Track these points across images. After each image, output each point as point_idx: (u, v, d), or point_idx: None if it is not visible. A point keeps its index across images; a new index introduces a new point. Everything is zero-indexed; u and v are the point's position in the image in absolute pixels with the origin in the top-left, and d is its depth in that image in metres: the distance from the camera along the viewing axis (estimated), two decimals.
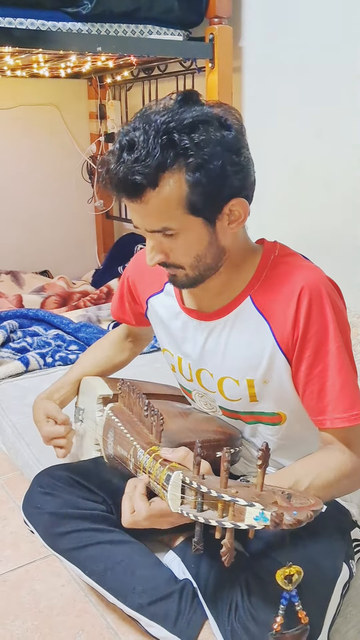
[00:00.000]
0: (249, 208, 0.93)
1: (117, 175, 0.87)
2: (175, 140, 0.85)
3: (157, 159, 0.84)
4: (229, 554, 0.71)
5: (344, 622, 1.05)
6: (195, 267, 0.95)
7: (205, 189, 0.87)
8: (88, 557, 1.05)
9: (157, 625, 0.98)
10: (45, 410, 1.25)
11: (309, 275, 0.94)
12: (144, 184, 0.85)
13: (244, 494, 0.71)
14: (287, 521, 0.67)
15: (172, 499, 0.80)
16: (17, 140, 2.88)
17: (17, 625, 1.09)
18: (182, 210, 0.88)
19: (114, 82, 2.82)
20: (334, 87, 1.89)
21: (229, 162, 0.88)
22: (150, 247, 0.94)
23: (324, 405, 0.94)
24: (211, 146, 0.86)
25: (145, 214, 0.90)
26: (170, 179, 0.86)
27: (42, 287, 2.75)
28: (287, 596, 0.80)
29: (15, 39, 1.78)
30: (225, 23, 2.10)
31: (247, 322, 0.98)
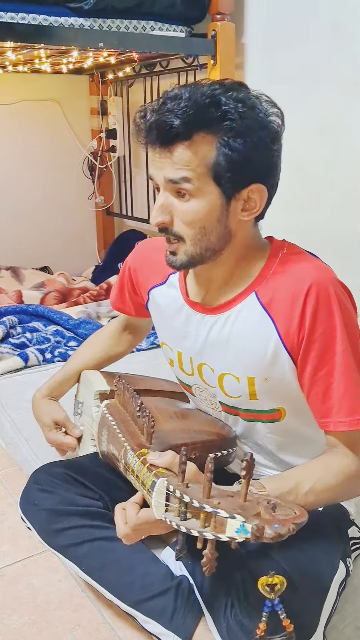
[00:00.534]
0: (265, 200, 0.93)
1: (155, 118, 0.88)
2: (220, 102, 0.87)
3: (198, 112, 0.86)
4: (210, 565, 0.71)
5: (340, 620, 1.05)
6: (197, 242, 0.93)
7: (234, 159, 0.88)
8: (85, 554, 1.05)
9: (153, 622, 0.98)
10: (53, 416, 1.26)
11: (318, 275, 0.93)
12: (178, 131, 0.86)
13: (226, 505, 0.70)
14: (268, 535, 0.67)
15: (156, 506, 0.80)
16: (18, 136, 2.88)
17: (14, 619, 1.09)
18: (205, 172, 0.88)
19: (116, 78, 2.82)
20: (337, 84, 1.88)
21: (263, 145, 0.90)
22: (158, 204, 0.93)
23: (328, 408, 0.93)
24: (252, 122, 0.88)
25: (169, 164, 0.89)
26: (204, 137, 0.87)
27: (42, 283, 2.75)
28: (270, 604, 0.80)
29: (17, 34, 1.78)
30: (228, 19, 2.10)
31: (251, 317, 0.97)
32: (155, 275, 1.13)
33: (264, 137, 0.89)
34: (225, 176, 0.89)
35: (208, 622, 0.96)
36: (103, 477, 1.14)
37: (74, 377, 1.31)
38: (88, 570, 1.05)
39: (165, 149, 0.89)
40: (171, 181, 0.90)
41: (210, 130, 0.87)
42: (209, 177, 0.89)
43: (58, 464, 1.19)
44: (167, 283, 1.11)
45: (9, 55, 2.16)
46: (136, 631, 1.05)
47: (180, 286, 1.08)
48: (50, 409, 1.27)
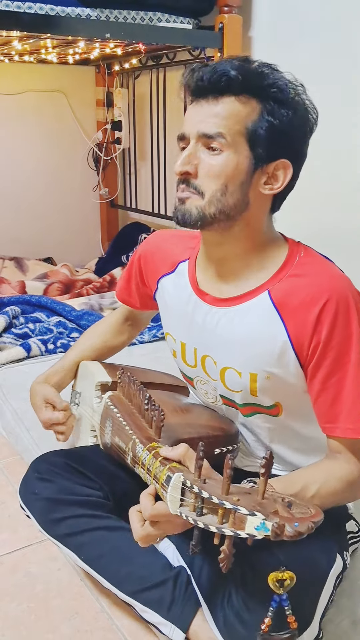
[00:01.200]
0: (288, 179, 0.94)
1: (210, 69, 0.91)
2: (274, 74, 0.93)
3: (254, 73, 0.91)
4: (227, 561, 0.71)
5: (337, 613, 1.05)
6: (215, 201, 0.92)
7: (275, 127, 0.91)
8: (84, 543, 1.06)
9: (151, 611, 0.99)
10: (43, 395, 1.25)
11: (338, 283, 0.93)
12: (232, 83, 0.89)
13: (245, 502, 0.70)
14: (289, 532, 0.67)
15: (171, 500, 0.80)
16: (23, 126, 2.87)
17: (13, 607, 1.10)
18: (243, 133, 0.91)
19: (122, 70, 2.81)
20: (344, 78, 1.87)
21: (303, 126, 0.94)
22: (186, 153, 0.93)
23: (336, 414, 0.93)
24: (299, 101, 0.93)
25: (210, 114, 0.91)
26: (251, 100, 0.91)
27: (45, 274, 2.75)
28: (277, 599, 0.80)
29: (23, 24, 1.77)
30: (235, 12, 2.09)
31: (261, 315, 0.96)
32: (165, 264, 1.13)
33: (304, 119, 0.94)
34: (261, 142, 0.91)
35: (205, 613, 0.97)
36: (104, 467, 1.15)
37: (74, 367, 1.31)
38: (87, 559, 1.06)
39: (211, 98, 0.91)
40: (205, 135, 0.91)
41: (259, 95, 0.91)
42: (245, 139, 0.91)
43: (58, 453, 1.19)
44: (176, 272, 1.10)
45: (15, 45, 2.15)
46: (134, 620, 1.06)
47: (189, 275, 1.08)
48: (41, 390, 1.26)
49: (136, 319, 1.35)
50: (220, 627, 0.93)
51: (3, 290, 2.53)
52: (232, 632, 0.91)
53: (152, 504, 0.86)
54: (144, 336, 2.18)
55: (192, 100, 0.94)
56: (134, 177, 3.01)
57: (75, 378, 1.33)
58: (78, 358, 1.31)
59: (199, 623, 0.97)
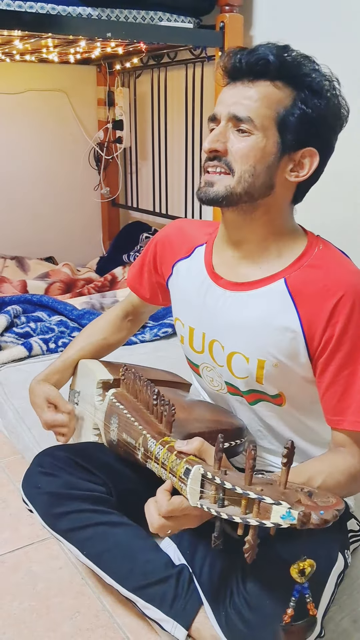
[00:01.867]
0: (314, 167, 0.95)
1: (249, 52, 0.93)
2: (314, 66, 0.95)
3: (292, 62, 0.93)
4: (252, 551, 0.71)
5: (338, 611, 1.06)
6: (243, 180, 0.93)
7: (307, 115, 0.92)
8: (86, 538, 1.06)
9: (154, 608, 0.99)
10: (45, 395, 1.24)
11: (355, 279, 0.94)
12: (270, 67, 0.91)
13: (268, 492, 0.70)
14: (315, 520, 0.67)
15: (191, 493, 0.79)
16: (24, 126, 2.87)
17: (15, 605, 1.10)
18: (273, 117, 0.92)
19: (123, 69, 2.81)
20: (345, 77, 1.87)
21: (334, 119, 0.96)
22: (216, 132, 0.95)
23: (344, 407, 0.93)
24: (332, 95, 0.95)
25: (243, 96, 0.92)
26: (286, 87, 0.93)
27: (46, 273, 2.76)
28: (300, 588, 0.80)
29: (24, 23, 1.77)
30: (236, 11, 2.09)
31: (276, 302, 0.97)
32: (182, 248, 1.13)
33: (336, 113, 0.95)
34: (291, 129, 0.92)
35: (207, 611, 0.97)
36: (107, 463, 1.15)
37: (73, 365, 1.30)
38: (89, 554, 1.06)
39: (247, 81, 0.93)
40: (236, 118, 0.93)
41: (294, 82, 0.93)
42: (275, 124, 0.92)
43: (62, 448, 1.18)
44: (192, 257, 1.11)
45: (17, 44, 2.15)
46: (136, 618, 1.06)
47: (205, 259, 1.08)
48: (42, 389, 1.25)
49: (137, 314, 1.34)
50: (222, 625, 0.93)
51: (4, 289, 2.53)
52: (233, 630, 0.92)
53: (168, 499, 0.86)
54: (145, 335, 2.18)
55: (227, 82, 0.96)
56: (135, 176, 3.02)
57: (73, 377, 1.32)
58: (78, 355, 1.30)
59: (201, 620, 0.97)
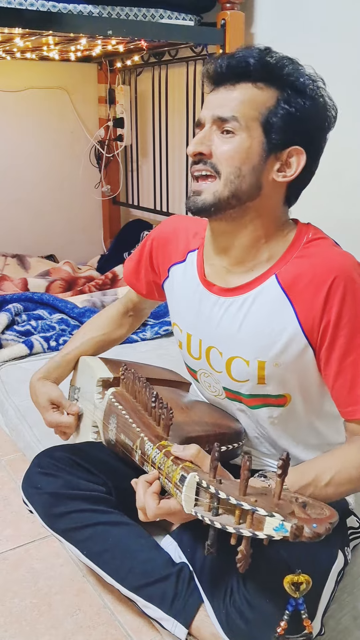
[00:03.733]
0: (301, 166, 0.94)
1: (229, 56, 0.93)
2: (296, 63, 0.95)
3: (273, 62, 0.93)
4: (245, 562, 0.71)
5: (338, 609, 1.06)
6: (229, 182, 0.93)
7: (291, 115, 0.92)
8: (86, 538, 1.06)
9: (154, 606, 0.99)
10: (48, 395, 1.25)
11: (343, 262, 0.93)
12: (250, 70, 0.91)
13: (262, 503, 0.70)
14: (307, 534, 0.67)
15: (186, 500, 0.80)
16: (25, 124, 2.87)
17: (16, 602, 1.10)
18: (257, 117, 0.92)
19: (124, 67, 2.81)
20: (345, 75, 1.87)
21: (319, 116, 0.95)
22: (200, 135, 0.95)
23: (356, 397, 0.92)
24: (315, 92, 0.94)
25: (227, 99, 0.93)
26: (268, 88, 0.93)
27: (47, 271, 2.76)
28: (294, 603, 0.80)
29: (25, 21, 1.77)
30: (237, 9, 2.08)
31: (269, 301, 0.96)
32: (177, 252, 1.12)
33: (321, 111, 0.94)
34: (276, 129, 0.92)
35: (207, 609, 0.97)
36: (107, 463, 1.15)
37: (73, 361, 1.30)
38: (89, 554, 1.06)
39: (229, 85, 0.93)
40: (220, 119, 0.93)
41: (276, 83, 0.92)
42: (259, 124, 0.92)
43: (61, 448, 1.19)
44: (186, 261, 1.10)
45: (17, 42, 2.15)
46: (136, 616, 1.06)
47: (197, 266, 1.07)
48: (45, 389, 1.25)
49: (137, 310, 1.33)
50: (222, 623, 0.93)
51: (5, 287, 2.54)
52: (234, 629, 0.92)
53: (157, 503, 0.87)
54: (146, 333, 2.19)
55: (211, 88, 0.96)
56: (136, 174, 3.01)
57: (74, 373, 1.32)
58: (78, 351, 1.30)
59: (201, 618, 0.97)
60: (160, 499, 0.88)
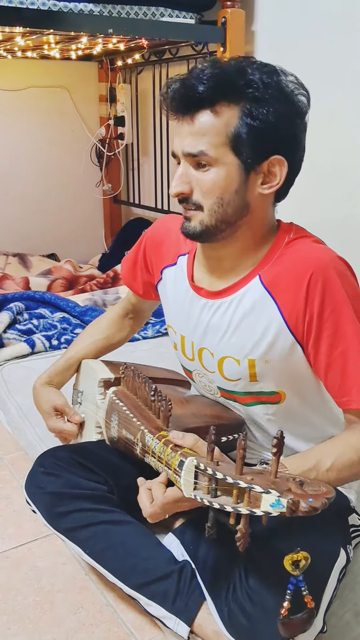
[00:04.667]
0: (285, 173, 0.93)
1: (180, 85, 0.90)
2: (246, 71, 0.90)
3: (223, 79, 0.88)
4: (244, 539, 0.72)
5: (340, 606, 1.06)
6: (213, 213, 0.93)
7: (256, 128, 0.89)
8: (89, 537, 1.06)
9: (156, 605, 1.00)
10: (52, 403, 1.26)
11: (321, 256, 0.93)
12: (202, 97, 0.88)
13: (259, 481, 0.72)
14: (303, 508, 0.68)
15: (185, 484, 0.81)
16: (26, 122, 2.87)
17: (19, 600, 1.11)
18: (225, 142, 0.90)
19: (125, 65, 2.81)
20: (347, 73, 1.87)
21: (287, 117, 0.91)
22: (178, 174, 0.94)
23: (348, 387, 0.93)
24: (277, 92, 0.90)
25: (189, 132, 0.91)
26: (227, 106, 0.89)
27: (49, 270, 2.76)
28: (294, 581, 0.81)
29: (26, 19, 1.77)
30: (238, 7, 2.08)
31: (254, 300, 0.97)
32: (168, 255, 1.13)
33: (288, 110, 0.91)
34: (246, 146, 0.90)
35: (209, 606, 0.97)
36: (109, 461, 1.15)
37: (75, 365, 1.31)
38: (92, 553, 1.06)
39: (187, 117, 0.90)
40: (190, 155, 0.91)
41: (233, 99, 0.89)
42: (229, 147, 0.90)
43: (63, 448, 1.20)
44: (177, 265, 1.11)
45: (18, 41, 2.15)
46: (139, 614, 1.06)
47: (187, 269, 1.08)
48: (49, 396, 1.26)
49: (138, 311, 1.34)
50: (225, 620, 0.94)
51: (7, 286, 2.54)
52: (236, 625, 0.92)
53: (163, 492, 0.88)
54: (147, 332, 2.19)
55: (172, 117, 0.94)
56: (137, 172, 3.01)
57: (77, 377, 1.33)
58: (80, 355, 1.31)
59: (203, 616, 0.98)
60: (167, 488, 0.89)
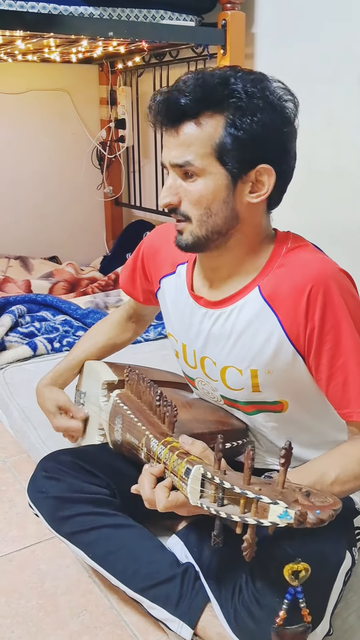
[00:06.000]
0: (273, 182, 0.92)
1: (164, 98, 0.90)
2: (229, 81, 0.89)
3: (206, 90, 0.89)
4: (251, 549, 0.72)
5: (345, 607, 1.06)
6: (202, 223, 0.93)
7: (240, 138, 0.89)
8: (92, 541, 1.06)
9: (159, 608, 1.00)
10: (56, 401, 1.26)
11: (321, 268, 0.93)
12: (185, 109, 0.88)
13: (266, 492, 0.71)
14: (311, 520, 0.68)
15: (191, 492, 0.81)
16: (27, 126, 2.88)
17: (22, 603, 1.11)
18: (210, 152, 0.90)
19: (125, 68, 2.81)
20: (346, 75, 1.87)
21: (273, 125, 0.90)
22: (167, 185, 0.94)
23: (349, 399, 0.93)
24: (261, 101, 0.89)
25: (175, 144, 0.91)
26: (211, 117, 0.89)
27: (50, 273, 2.76)
28: (293, 592, 0.80)
29: (27, 23, 1.78)
30: (238, 9, 2.08)
31: (254, 312, 0.97)
32: (167, 264, 1.13)
33: (273, 118, 0.90)
34: (231, 156, 0.89)
35: (215, 608, 0.97)
36: (111, 465, 1.15)
37: (78, 366, 1.32)
38: (95, 557, 1.06)
39: (172, 129, 0.91)
40: (176, 165, 0.92)
41: (217, 109, 0.89)
42: (214, 157, 0.90)
43: (65, 452, 1.19)
44: (176, 273, 1.11)
45: (19, 45, 2.16)
46: (142, 616, 1.06)
47: (186, 278, 1.08)
48: (52, 395, 1.28)
49: (140, 315, 1.34)
50: (231, 622, 0.93)
51: (9, 289, 2.54)
52: (242, 627, 0.92)
53: (167, 496, 0.88)
54: (149, 334, 2.19)
55: (160, 128, 0.94)
56: (138, 175, 3.02)
57: (79, 378, 1.33)
58: (83, 356, 1.31)
59: (207, 618, 0.97)
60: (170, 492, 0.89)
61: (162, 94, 0.92)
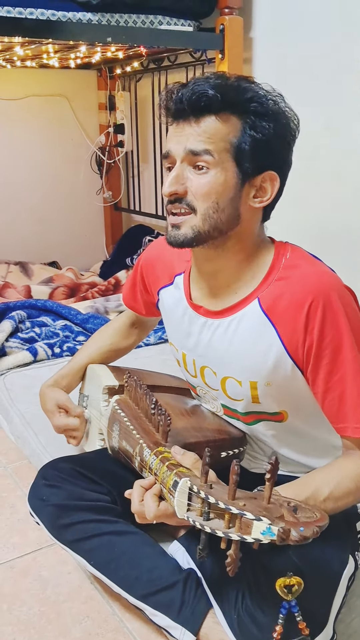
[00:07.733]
0: (276, 190, 0.95)
1: (188, 89, 0.91)
2: (251, 87, 0.93)
3: (230, 89, 0.91)
4: (234, 565, 0.72)
5: (348, 612, 1.05)
6: (207, 218, 0.93)
7: (258, 141, 0.91)
8: (93, 548, 1.06)
9: (161, 614, 0.99)
10: (56, 400, 1.26)
11: (321, 282, 0.93)
12: (211, 101, 0.89)
13: (251, 507, 0.71)
14: (294, 537, 0.68)
15: (178, 505, 0.81)
16: (26, 131, 2.88)
17: (24, 610, 1.10)
18: (227, 149, 0.91)
19: (124, 73, 2.82)
20: (345, 78, 1.87)
21: (286, 134, 0.95)
22: (173, 175, 0.93)
23: (344, 414, 0.93)
24: (279, 109, 0.94)
25: (194, 133, 0.91)
26: (231, 117, 0.91)
27: (50, 278, 2.76)
28: (287, 606, 0.80)
29: (25, 29, 1.78)
30: (236, 14, 2.09)
31: (253, 324, 0.97)
32: (164, 275, 1.14)
33: (285, 129, 0.94)
34: (247, 157, 0.91)
35: (217, 614, 0.96)
36: (111, 471, 1.15)
37: (81, 370, 1.32)
38: (96, 564, 1.06)
39: (193, 120, 0.91)
40: (192, 152, 0.91)
41: (237, 110, 0.91)
42: (230, 155, 0.91)
43: (65, 459, 1.19)
44: (174, 284, 1.11)
45: (17, 51, 2.16)
46: (145, 623, 1.06)
47: (184, 288, 1.08)
48: (53, 395, 1.28)
49: (142, 323, 1.35)
50: (234, 628, 0.93)
51: (9, 294, 2.54)
52: (246, 633, 0.92)
53: (157, 505, 0.88)
54: (150, 338, 2.18)
55: (172, 121, 0.94)
56: (137, 179, 3.02)
57: (83, 381, 1.34)
58: (86, 361, 1.32)
59: (209, 625, 0.97)
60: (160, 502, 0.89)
61: (184, 86, 0.93)
